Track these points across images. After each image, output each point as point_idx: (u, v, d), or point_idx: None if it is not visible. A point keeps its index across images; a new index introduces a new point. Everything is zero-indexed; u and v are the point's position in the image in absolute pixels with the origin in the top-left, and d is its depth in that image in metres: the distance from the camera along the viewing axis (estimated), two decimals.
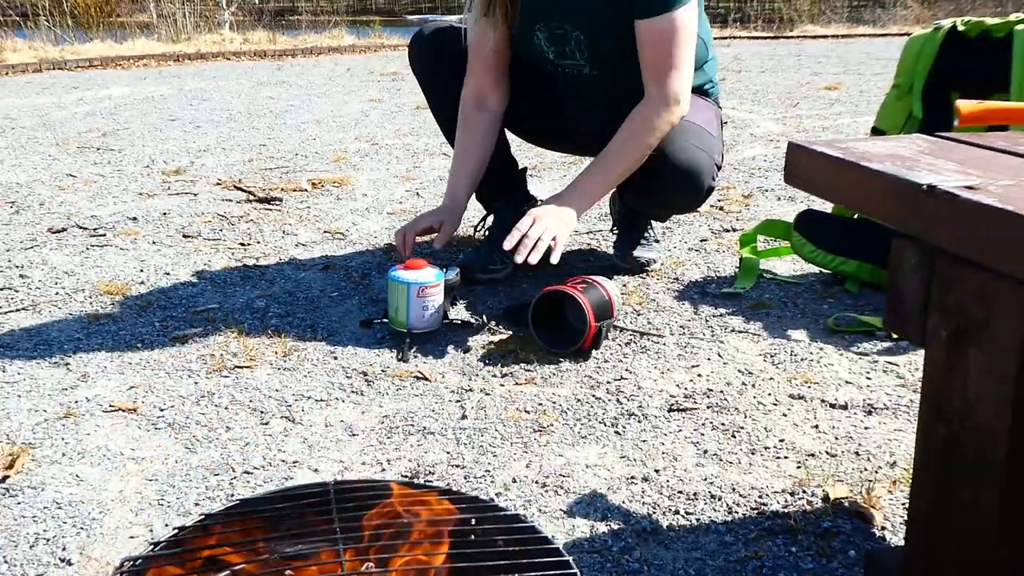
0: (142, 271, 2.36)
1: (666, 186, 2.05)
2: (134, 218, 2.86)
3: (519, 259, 1.83)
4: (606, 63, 2.05)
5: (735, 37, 11.82)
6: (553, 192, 2.05)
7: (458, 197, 2.14)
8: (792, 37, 11.97)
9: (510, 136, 2.36)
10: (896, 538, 1.24)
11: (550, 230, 1.87)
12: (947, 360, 0.90)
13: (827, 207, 2.35)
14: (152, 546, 0.84)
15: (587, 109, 2.18)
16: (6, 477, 1.40)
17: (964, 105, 1.24)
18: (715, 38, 2.24)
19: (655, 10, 1.91)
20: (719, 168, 2.12)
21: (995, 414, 0.84)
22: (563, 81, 2.15)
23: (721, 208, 2.92)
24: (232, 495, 1.36)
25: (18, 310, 2.09)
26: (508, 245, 1.84)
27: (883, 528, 1.26)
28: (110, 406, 1.63)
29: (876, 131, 2.22)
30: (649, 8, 1.92)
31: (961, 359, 0.88)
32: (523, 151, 2.44)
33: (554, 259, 1.87)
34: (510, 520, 0.88)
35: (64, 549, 1.23)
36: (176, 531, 0.85)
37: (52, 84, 6.61)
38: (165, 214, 2.91)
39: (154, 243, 2.61)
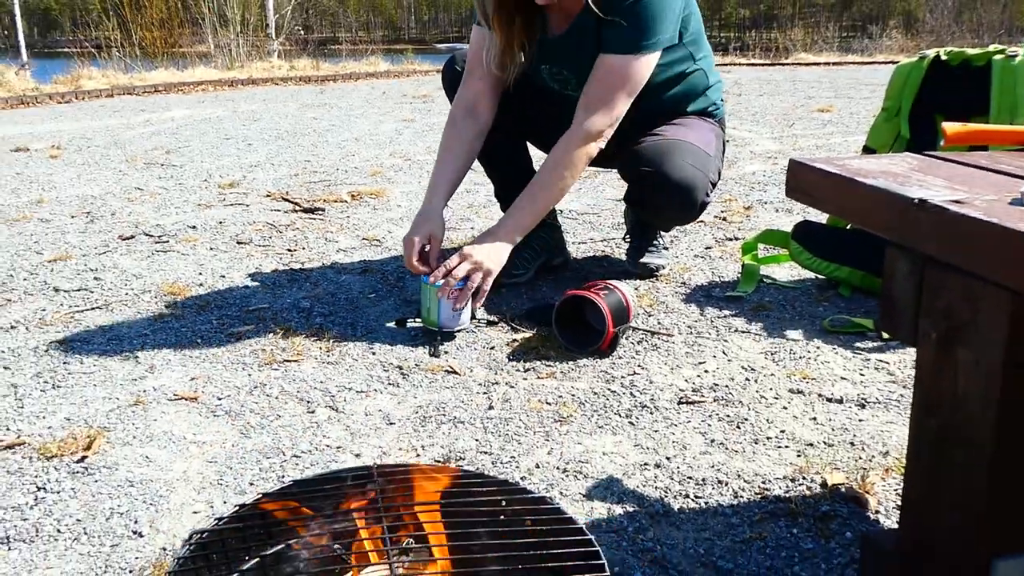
0: (201, 274, 2.38)
1: (662, 201, 2.04)
2: (193, 226, 2.89)
3: (441, 296, 1.84)
4: None
5: (736, 64, 11.76)
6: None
7: (438, 201, 2.04)
8: (787, 64, 11.89)
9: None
10: (889, 521, 1.22)
11: (478, 269, 1.87)
12: (937, 359, 0.89)
13: (822, 218, 2.33)
14: (216, 520, 0.84)
15: None
16: (84, 457, 1.42)
17: (950, 127, 1.22)
18: (717, 64, 2.23)
19: (618, 50, 1.91)
20: (714, 185, 2.10)
21: (982, 408, 0.84)
22: (569, 104, 2.14)
23: (724, 219, 2.91)
24: (283, 476, 1.37)
25: (93, 308, 2.11)
26: (432, 280, 1.85)
27: (877, 512, 1.25)
28: (174, 395, 1.64)
29: (867, 149, 2.20)
30: (614, 46, 1.91)
31: (950, 358, 0.87)
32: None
33: (478, 302, 1.89)
34: (536, 502, 0.87)
35: (136, 522, 1.24)
36: (237, 508, 0.85)
37: (122, 107, 6.68)
38: (221, 223, 2.94)
39: (211, 249, 2.63)
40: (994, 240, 0.76)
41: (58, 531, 1.23)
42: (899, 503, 1.20)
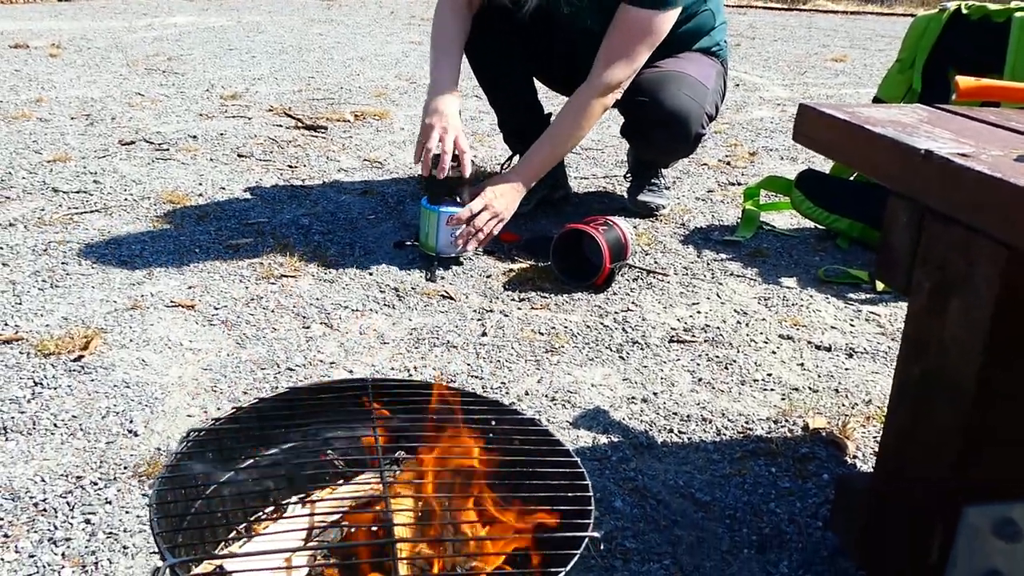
0: (200, 184, 2.37)
1: (657, 131, 2.06)
2: (194, 136, 2.87)
3: (460, 245, 1.87)
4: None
5: (752, 6, 11.51)
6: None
7: (453, 90, 2.00)
8: (805, 10, 11.63)
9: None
10: (866, 466, 1.26)
11: (496, 217, 1.90)
12: (928, 309, 0.91)
13: (826, 168, 2.33)
14: (214, 420, 0.87)
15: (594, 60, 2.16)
16: (81, 356, 1.44)
17: (963, 81, 1.22)
18: (733, 6, 2.20)
19: (643, 3, 1.89)
20: (711, 118, 2.11)
21: (966, 359, 0.86)
22: (581, 40, 2.12)
23: (728, 163, 2.90)
24: (276, 387, 1.39)
25: (92, 211, 2.11)
26: (455, 222, 1.86)
27: (855, 457, 1.28)
28: (171, 302, 1.66)
29: (877, 101, 2.19)
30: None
31: (940, 308, 0.89)
32: (548, 98, 2.42)
33: (484, 243, 1.92)
34: (525, 423, 0.90)
35: (131, 422, 1.27)
36: (234, 410, 0.87)
37: (125, 10, 6.54)
38: (222, 134, 2.91)
39: (211, 160, 2.62)
40: (996, 195, 0.77)
41: (55, 425, 1.26)
42: (877, 449, 1.24)
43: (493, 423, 0.88)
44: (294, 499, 0.83)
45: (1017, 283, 0.82)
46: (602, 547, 0.74)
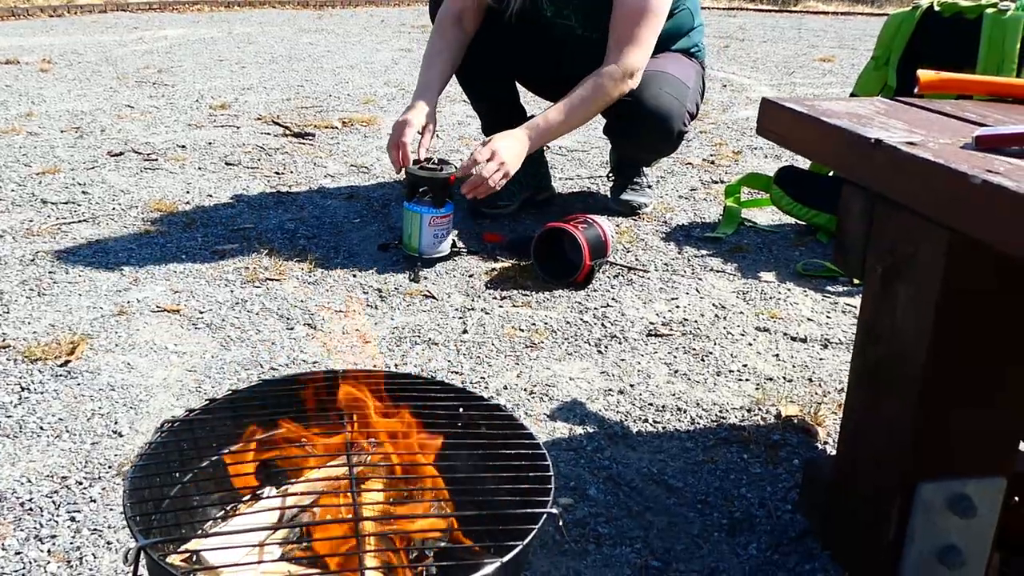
0: (188, 192, 2.41)
1: (640, 130, 2.09)
2: (183, 146, 2.90)
3: (467, 194, 1.87)
4: (595, 28, 2.06)
5: (742, 9, 11.57)
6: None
7: (431, 97, 2.04)
8: (795, 11, 11.70)
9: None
10: (835, 451, 1.29)
11: (502, 169, 1.86)
12: (880, 293, 0.94)
13: (806, 164, 2.37)
14: (187, 412, 0.89)
15: (577, 62, 2.19)
16: (68, 361, 1.47)
17: (924, 74, 1.25)
18: (723, 8, 2.25)
19: None
20: (692, 116, 2.15)
21: (916, 340, 0.89)
22: (558, 37, 2.15)
23: (712, 162, 2.94)
24: None
25: (80, 221, 2.15)
26: (461, 173, 1.87)
27: (825, 443, 1.31)
28: (157, 307, 1.69)
29: (854, 97, 2.22)
30: None
31: (891, 292, 0.92)
32: (532, 103, 2.45)
33: (484, 195, 1.91)
34: (491, 409, 0.93)
35: (116, 423, 1.30)
36: (208, 402, 0.90)
37: (115, 24, 6.58)
38: (210, 143, 2.95)
39: (200, 168, 2.65)
40: (938, 180, 0.80)
41: (41, 428, 1.29)
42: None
43: (461, 410, 0.91)
44: (266, 487, 0.86)
45: (961, 266, 0.85)
46: (561, 523, 0.77)
